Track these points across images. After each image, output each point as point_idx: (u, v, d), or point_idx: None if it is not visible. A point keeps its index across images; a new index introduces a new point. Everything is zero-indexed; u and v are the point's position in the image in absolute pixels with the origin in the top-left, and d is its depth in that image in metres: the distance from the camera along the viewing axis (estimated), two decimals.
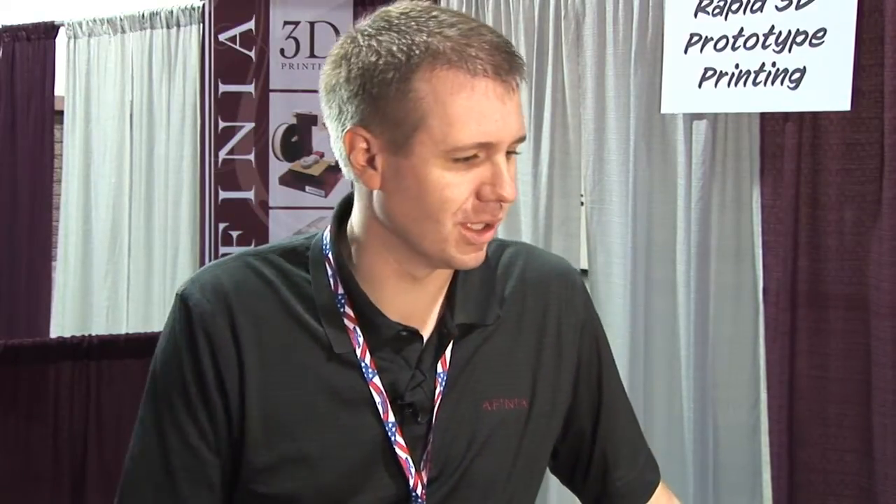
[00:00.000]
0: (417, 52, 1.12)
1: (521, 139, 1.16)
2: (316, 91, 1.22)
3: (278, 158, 3.77)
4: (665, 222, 3.20)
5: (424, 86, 1.12)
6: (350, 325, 1.20)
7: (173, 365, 1.23)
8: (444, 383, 1.21)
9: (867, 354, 2.82)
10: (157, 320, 3.88)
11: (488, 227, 1.16)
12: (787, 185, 2.93)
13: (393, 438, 1.18)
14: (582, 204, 3.37)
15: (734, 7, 2.90)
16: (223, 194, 3.74)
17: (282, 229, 3.70)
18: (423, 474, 1.20)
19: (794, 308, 2.94)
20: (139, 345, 3.07)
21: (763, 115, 2.93)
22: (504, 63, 1.13)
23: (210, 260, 3.61)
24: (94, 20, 4.27)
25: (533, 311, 1.28)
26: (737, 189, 3.09)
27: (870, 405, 2.83)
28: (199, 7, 3.94)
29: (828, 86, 2.71)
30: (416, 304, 1.22)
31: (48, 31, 4.32)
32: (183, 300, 1.24)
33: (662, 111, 3.03)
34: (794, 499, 3.00)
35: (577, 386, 1.31)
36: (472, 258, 1.17)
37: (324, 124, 1.23)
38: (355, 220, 1.22)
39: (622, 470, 1.36)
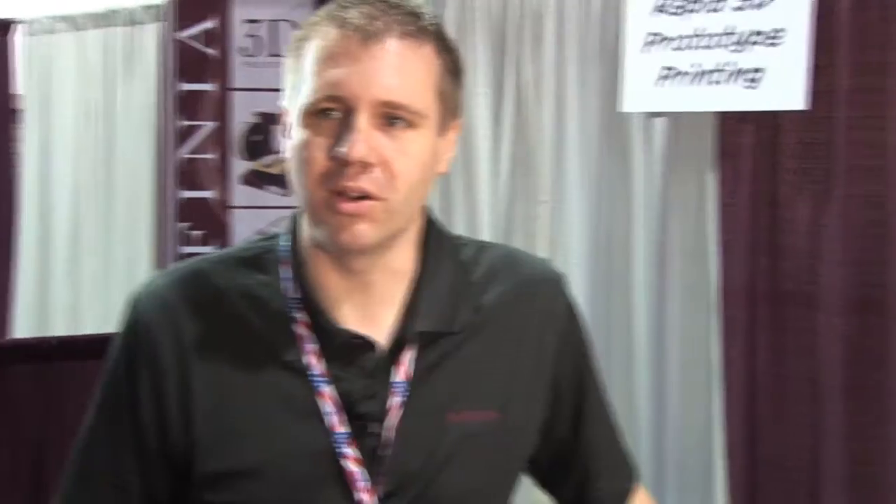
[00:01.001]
0: (310, 21, 1.12)
1: (393, 104, 1.10)
2: (278, 90, 1.20)
3: (240, 158, 3.72)
4: (624, 221, 3.18)
5: (303, 48, 1.12)
6: (303, 331, 1.16)
7: (113, 373, 1.21)
8: (403, 393, 1.16)
9: (822, 353, 2.84)
10: (116, 321, 3.80)
11: (361, 197, 1.09)
12: (744, 183, 2.92)
13: (341, 451, 1.13)
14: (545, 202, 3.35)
15: (692, 7, 2.89)
16: (184, 194, 3.67)
17: (244, 229, 3.65)
18: (378, 489, 1.15)
19: (752, 306, 2.94)
20: (99, 345, 3.00)
21: (721, 114, 2.92)
22: (379, 19, 1.09)
23: (170, 259, 3.56)
24: (53, 17, 4.18)
25: (513, 318, 1.22)
26: (695, 188, 3.08)
27: (823, 403, 2.85)
28: (159, 5, 3.87)
29: (784, 85, 2.71)
30: (370, 311, 1.17)
31: (5, 29, 4.21)
32: (131, 307, 1.21)
33: (621, 110, 3.02)
34: (753, 496, 3.01)
35: (556, 397, 1.25)
36: (347, 233, 1.10)
37: (282, 133, 1.20)
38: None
39: (602, 480, 1.32)
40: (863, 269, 2.77)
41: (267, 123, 3.67)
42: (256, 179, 3.70)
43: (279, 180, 3.62)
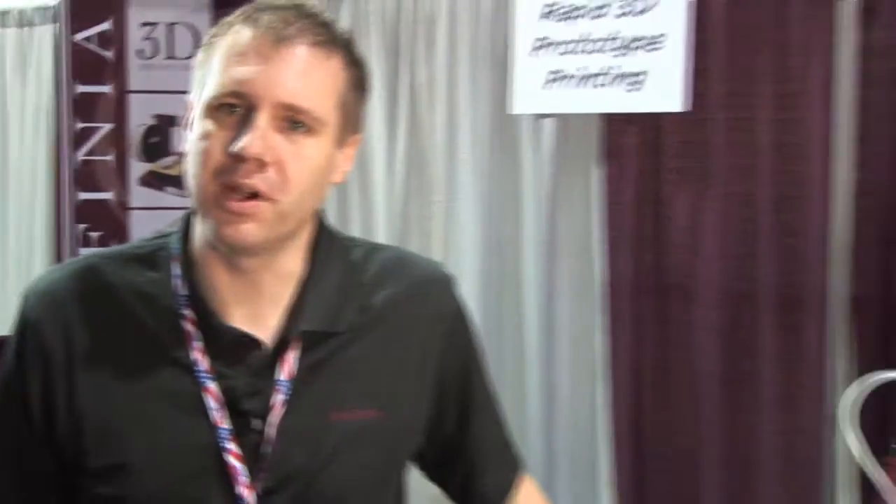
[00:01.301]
0: (225, 21, 1.12)
1: (295, 108, 1.10)
2: (175, 92, 1.18)
3: (137, 159, 3.65)
4: (514, 219, 3.22)
5: (215, 45, 1.12)
6: (190, 328, 1.15)
7: (5, 369, 1.20)
8: (287, 392, 1.15)
9: (700, 344, 2.90)
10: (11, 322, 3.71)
11: (252, 196, 1.09)
12: (628, 182, 2.99)
13: (223, 446, 1.12)
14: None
15: (578, 13, 2.93)
16: (82, 195, 3.60)
17: (143, 230, 3.57)
18: (259, 485, 1.14)
19: (637, 300, 3.00)
20: None
21: (606, 115, 2.97)
22: (293, 24, 1.09)
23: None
24: None
25: (401, 319, 1.22)
26: (582, 186, 3.12)
27: (701, 392, 2.92)
28: (53, 6, 3.78)
29: (665, 88, 2.77)
30: (258, 310, 1.16)
31: None
32: (22, 303, 1.21)
33: (511, 112, 3.04)
34: (639, 483, 3.05)
35: (442, 396, 1.26)
36: (234, 230, 1.09)
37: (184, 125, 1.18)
38: None
39: (488, 474, 1.33)
40: (736, 264, 2.85)
41: (165, 125, 3.61)
42: (155, 181, 3.64)
43: (178, 182, 3.57)
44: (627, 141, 2.98)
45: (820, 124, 2.67)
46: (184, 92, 1.18)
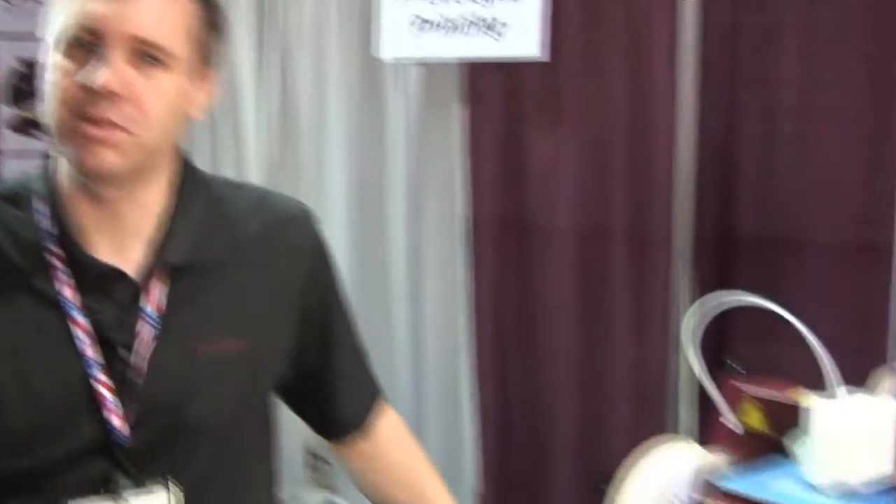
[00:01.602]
0: None
1: (147, 42, 1.09)
2: (40, 39, 1.15)
3: (4, 104, 3.52)
4: (380, 162, 3.23)
5: None
6: (57, 263, 1.13)
7: None
8: (155, 324, 1.14)
9: (557, 278, 2.98)
10: None
11: (108, 123, 1.09)
12: (490, 125, 3.04)
13: (93, 376, 1.12)
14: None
15: None
16: None
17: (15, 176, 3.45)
18: (130, 415, 1.13)
19: (499, 237, 3.06)
20: None
21: (469, 61, 2.98)
22: None
23: None
24: None
25: (264, 253, 1.22)
26: (446, 129, 3.15)
27: (561, 326, 3.03)
28: None
29: (524, 36, 2.81)
30: (122, 243, 1.15)
31: None
32: None
33: (378, 56, 3.04)
34: (503, 412, 3.14)
35: (304, 327, 1.27)
36: (93, 157, 1.09)
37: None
38: None
39: (349, 403, 1.34)
40: (590, 204, 2.94)
41: (32, 70, 3.46)
42: (24, 126, 3.51)
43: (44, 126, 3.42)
44: (489, 86, 3.03)
45: (665, 73, 2.75)
46: None
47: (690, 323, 1.11)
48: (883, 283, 2.29)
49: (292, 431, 1.35)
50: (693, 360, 1.13)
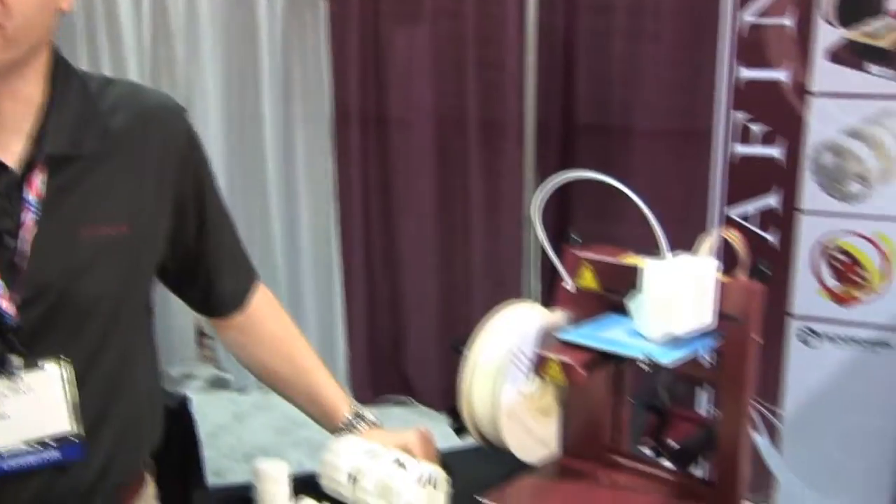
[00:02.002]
0: None
1: None
2: None
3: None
4: (252, 60, 3.16)
5: None
6: None
7: None
8: (37, 211, 1.10)
9: (418, 166, 2.99)
10: None
11: None
12: (352, 23, 3.00)
13: None
14: None
15: None
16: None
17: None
18: (17, 297, 1.10)
19: (363, 130, 3.04)
20: None
21: None
22: None
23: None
24: None
25: (138, 143, 1.18)
26: (312, 27, 3.09)
27: (424, 209, 3.04)
28: None
29: None
30: (2, 137, 1.09)
31: None
32: None
33: None
34: (369, 291, 3.17)
35: (180, 211, 1.24)
36: None
37: None
38: None
39: (225, 281, 1.32)
40: (446, 96, 2.95)
41: None
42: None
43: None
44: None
45: None
46: None
47: (537, 199, 1.12)
48: (704, 164, 2.37)
49: (183, 312, 1.33)
50: (539, 232, 1.15)
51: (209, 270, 1.29)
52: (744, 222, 2.35)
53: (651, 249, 1.07)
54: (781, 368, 2.40)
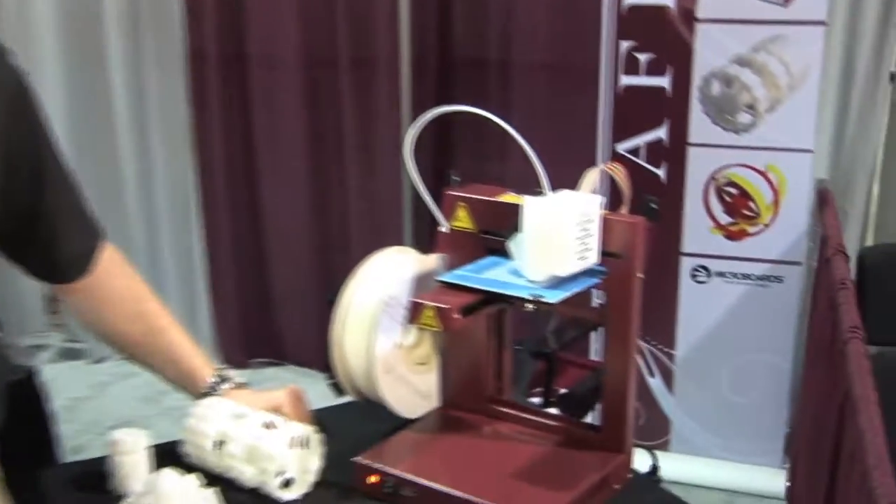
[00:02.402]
0: None
1: None
2: None
3: None
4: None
5: None
6: None
7: None
8: None
9: (284, 105, 2.95)
10: None
11: None
12: None
13: None
14: None
15: None
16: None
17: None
18: None
19: (221, 69, 2.97)
20: None
21: None
22: None
23: None
24: None
25: None
26: None
27: (289, 150, 3.02)
28: None
29: None
30: None
31: None
32: None
33: None
34: (232, 246, 3.13)
35: (11, 167, 1.16)
36: None
37: None
38: None
39: (67, 242, 1.25)
40: (315, 32, 2.90)
41: None
42: None
43: None
44: None
45: None
46: None
47: (409, 137, 1.12)
48: (589, 97, 2.41)
49: (29, 281, 1.28)
50: (411, 172, 1.15)
51: (49, 232, 1.22)
52: (633, 157, 2.41)
53: (533, 188, 1.08)
54: (674, 308, 2.49)
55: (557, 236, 1.03)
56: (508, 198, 1.13)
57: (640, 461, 1.18)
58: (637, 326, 1.08)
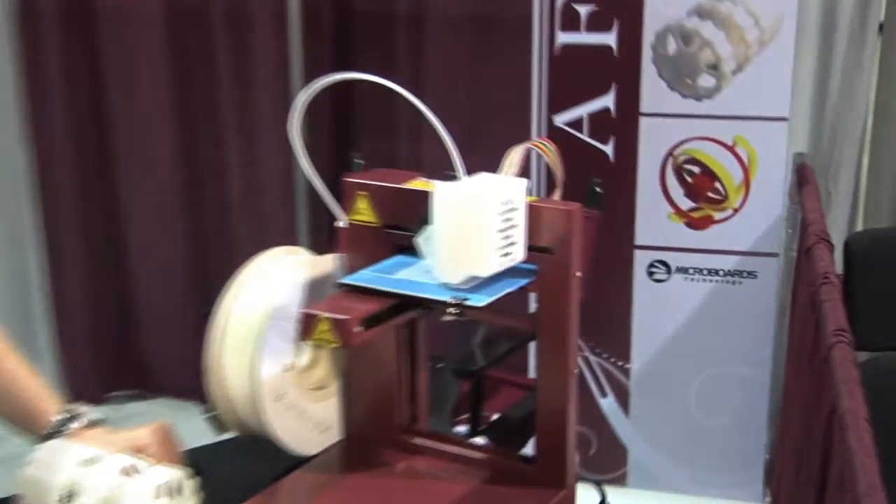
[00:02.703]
0: None
1: None
2: None
3: None
4: None
5: None
6: None
7: None
8: None
9: (154, 75, 2.94)
10: None
11: None
12: None
13: None
14: None
15: None
16: None
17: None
18: None
19: (63, 30, 2.94)
20: None
21: None
22: None
23: None
24: None
25: None
26: None
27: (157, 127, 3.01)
28: None
29: None
30: None
31: None
32: None
33: None
34: (77, 203, 3.09)
35: None
36: None
37: None
38: None
39: None
40: None
41: None
42: None
43: None
44: None
45: None
46: None
47: (295, 111, 1.12)
48: (521, 59, 2.43)
49: None
50: (298, 152, 1.16)
51: None
52: (574, 132, 2.44)
53: (448, 171, 1.10)
54: (628, 313, 2.52)
55: (475, 229, 1.04)
56: (420, 184, 1.14)
57: (588, 498, 1.21)
58: (575, 334, 1.11)
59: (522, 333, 1.36)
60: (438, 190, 1.06)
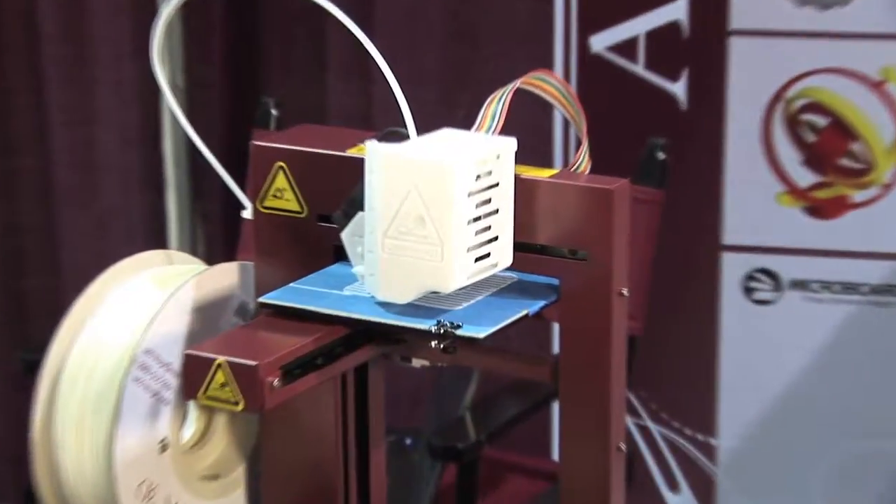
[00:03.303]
0: None
1: None
2: None
3: None
4: None
5: None
6: None
7: None
8: None
9: None
10: None
11: None
12: None
13: None
14: None
15: None
16: None
17: None
18: None
19: None
20: None
21: None
22: None
23: None
24: None
25: None
26: None
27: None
28: None
29: None
30: None
31: None
32: None
33: None
34: None
35: None
36: None
37: None
38: None
39: None
40: None
41: None
42: None
43: None
44: None
45: None
46: None
47: (158, 26, 1.12)
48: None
49: None
50: (167, 95, 1.14)
51: None
52: (622, 61, 2.43)
53: (394, 127, 1.08)
54: (713, 355, 2.51)
55: (432, 216, 1.02)
56: (357, 149, 1.13)
57: None
58: (622, 389, 1.10)
59: (539, 389, 1.34)
60: (373, 154, 1.03)
